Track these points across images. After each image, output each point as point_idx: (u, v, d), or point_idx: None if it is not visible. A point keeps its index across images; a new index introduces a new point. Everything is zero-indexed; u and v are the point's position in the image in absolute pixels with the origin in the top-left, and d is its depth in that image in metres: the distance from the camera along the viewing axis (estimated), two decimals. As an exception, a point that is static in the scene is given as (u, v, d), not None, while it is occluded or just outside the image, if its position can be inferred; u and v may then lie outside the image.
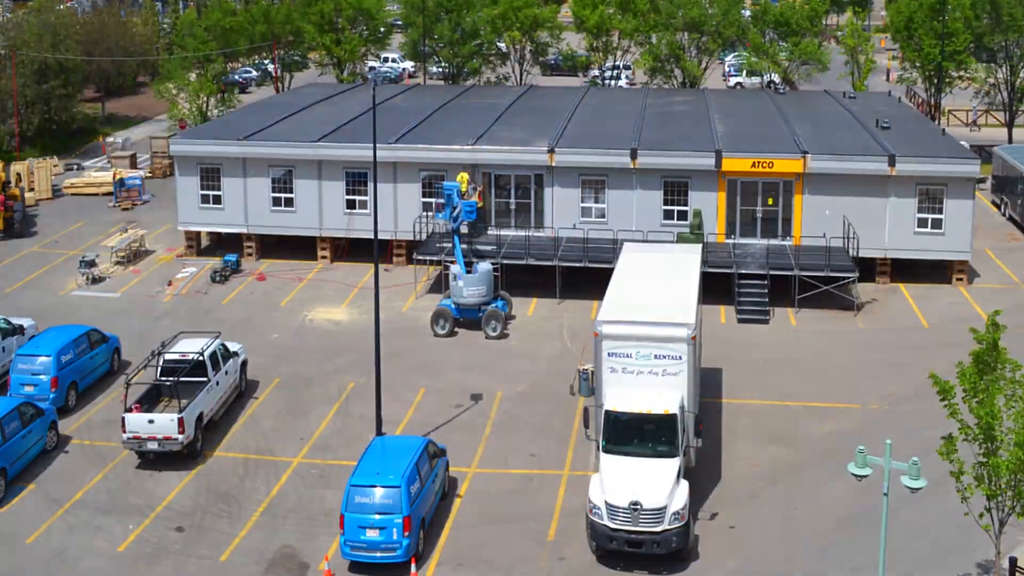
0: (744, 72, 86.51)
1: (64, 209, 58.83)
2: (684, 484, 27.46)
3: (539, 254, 44.77)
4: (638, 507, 26.40)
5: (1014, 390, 22.68)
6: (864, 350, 39.87)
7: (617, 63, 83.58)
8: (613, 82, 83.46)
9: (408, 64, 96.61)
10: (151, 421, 31.59)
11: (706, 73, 76.59)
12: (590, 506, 27.14)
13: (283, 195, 49.11)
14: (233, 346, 36.67)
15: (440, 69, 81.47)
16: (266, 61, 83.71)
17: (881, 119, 52.05)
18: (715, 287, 44.75)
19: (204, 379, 33.68)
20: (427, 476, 28.48)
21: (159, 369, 34.10)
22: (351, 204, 48.51)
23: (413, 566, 26.76)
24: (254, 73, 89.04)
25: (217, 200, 49.56)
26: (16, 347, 37.36)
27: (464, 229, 43.41)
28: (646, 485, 26.84)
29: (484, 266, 42.75)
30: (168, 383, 33.14)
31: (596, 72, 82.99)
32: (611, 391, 28.74)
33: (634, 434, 28.07)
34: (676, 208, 46.13)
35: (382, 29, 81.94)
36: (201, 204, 49.73)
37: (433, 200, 46.56)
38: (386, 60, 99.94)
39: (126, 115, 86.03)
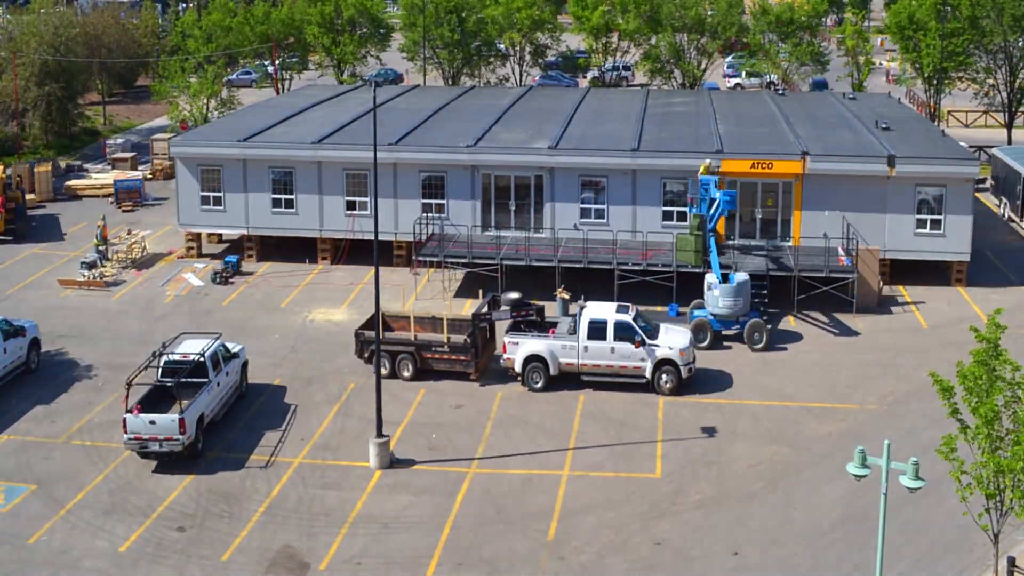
0: (744, 73, 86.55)
1: (65, 210, 58.86)
2: None
3: (539, 256, 44.78)
4: None
5: (1014, 391, 22.74)
6: (863, 350, 39.93)
7: (617, 63, 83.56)
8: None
9: (409, 64, 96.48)
10: (152, 422, 31.67)
11: (706, 74, 76.62)
12: None
13: (283, 196, 49.16)
14: (234, 347, 36.75)
15: (439, 71, 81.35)
16: (266, 63, 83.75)
17: (881, 120, 52.11)
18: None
19: (205, 380, 33.78)
20: None
21: (160, 370, 34.19)
22: (351, 205, 48.56)
23: None
24: (254, 74, 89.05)
25: (218, 201, 49.62)
26: (17, 348, 37.35)
27: (721, 227, 40.99)
28: None
29: (741, 276, 40.06)
30: (169, 383, 33.22)
31: (596, 73, 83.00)
32: None
33: None
34: (676, 209, 46.18)
35: (382, 30, 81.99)
36: (202, 206, 49.80)
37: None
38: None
39: (128, 117, 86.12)
